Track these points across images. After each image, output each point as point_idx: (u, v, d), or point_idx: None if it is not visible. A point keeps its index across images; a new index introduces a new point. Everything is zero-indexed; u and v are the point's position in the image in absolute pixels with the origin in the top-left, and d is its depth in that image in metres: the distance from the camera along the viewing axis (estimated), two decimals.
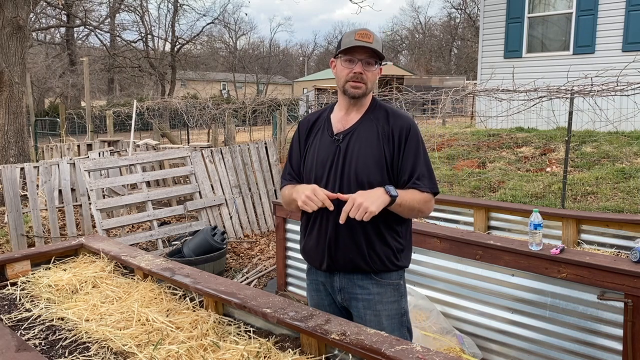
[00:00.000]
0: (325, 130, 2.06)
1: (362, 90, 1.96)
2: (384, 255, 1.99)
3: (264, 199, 6.59)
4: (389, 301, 2.03)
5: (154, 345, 1.91)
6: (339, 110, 2.08)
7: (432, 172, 2.00)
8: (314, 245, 2.05)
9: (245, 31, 47.01)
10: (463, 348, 2.96)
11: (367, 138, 1.98)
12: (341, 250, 1.99)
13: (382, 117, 2.01)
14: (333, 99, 11.40)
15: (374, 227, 1.96)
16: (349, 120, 2.03)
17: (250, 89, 42.18)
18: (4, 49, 8.40)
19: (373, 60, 1.95)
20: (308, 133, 2.11)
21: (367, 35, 1.92)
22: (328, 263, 2.02)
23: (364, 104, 2.04)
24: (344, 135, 2.00)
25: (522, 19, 10.89)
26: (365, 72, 1.94)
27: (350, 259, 1.99)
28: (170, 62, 30.51)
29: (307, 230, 2.09)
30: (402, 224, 2.04)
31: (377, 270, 2.00)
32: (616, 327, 2.53)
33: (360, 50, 1.92)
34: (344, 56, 1.95)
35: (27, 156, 8.82)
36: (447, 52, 48.43)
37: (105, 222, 5.13)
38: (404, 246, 2.06)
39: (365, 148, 1.96)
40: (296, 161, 2.13)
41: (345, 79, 1.96)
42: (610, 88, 5.01)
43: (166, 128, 16.09)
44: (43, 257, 2.86)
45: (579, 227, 3.69)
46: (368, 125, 2.00)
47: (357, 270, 2.01)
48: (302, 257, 2.18)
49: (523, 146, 8.85)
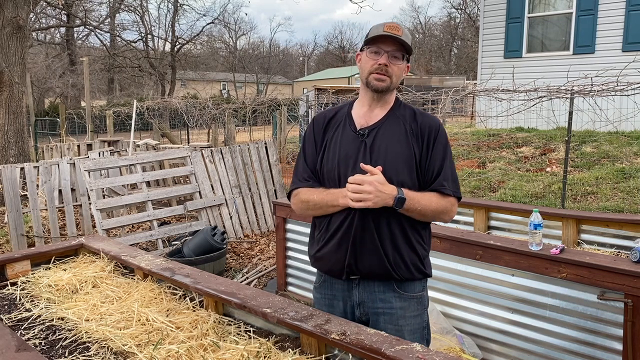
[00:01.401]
0: (346, 125, 1.92)
1: (386, 83, 1.84)
2: (410, 262, 1.87)
3: (264, 199, 6.59)
4: (412, 315, 1.92)
5: (154, 345, 1.91)
6: (360, 106, 1.95)
7: (456, 177, 1.91)
8: (333, 251, 1.88)
9: (245, 31, 47.11)
10: (463, 348, 2.96)
11: (395, 135, 1.86)
12: (365, 255, 1.84)
13: (408, 116, 1.90)
14: (333, 99, 11.38)
15: (401, 230, 1.85)
16: (373, 117, 1.91)
17: (250, 89, 42.20)
18: (4, 49, 8.40)
19: (400, 54, 1.84)
20: (325, 128, 1.96)
21: (396, 28, 1.81)
22: (348, 270, 1.87)
23: (388, 100, 1.92)
24: (369, 131, 1.87)
25: (522, 19, 10.89)
26: (391, 65, 1.82)
27: (374, 266, 1.85)
28: (170, 62, 30.53)
29: (326, 234, 1.91)
30: (426, 228, 1.94)
31: (402, 279, 1.87)
32: (616, 327, 2.53)
33: (388, 41, 1.81)
34: (370, 47, 1.84)
35: (27, 156, 8.82)
36: (447, 52, 48.43)
37: (105, 222, 5.13)
38: (427, 252, 1.95)
39: (393, 145, 1.84)
40: (312, 159, 1.96)
41: (369, 70, 1.84)
42: (610, 88, 5.01)
43: (166, 128, 16.09)
44: (43, 257, 2.86)
45: (579, 227, 3.69)
46: (395, 122, 1.89)
47: (380, 277, 1.87)
48: (312, 265, 2.01)
49: (523, 146, 8.85)
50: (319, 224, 1.97)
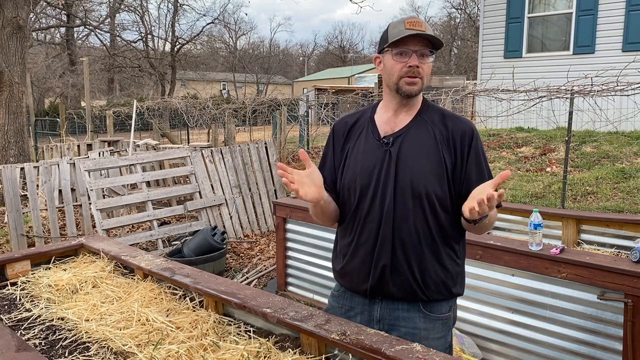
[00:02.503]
0: (369, 133, 1.78)
1: (418, 86, 1.69)
2: (440, 281, 1.73)
3: (264, 199, 6.59)
4: (436, 337, 1.77)
5: (154, 345, 1.91)
6: (384, 112, 1.80)
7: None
8: (357, 266, 1.76)
9: (245, 31, 47.06)
10: (463, 348, 2.96)
11: (422, 142, 1.71)
12: (391, 273, 1.71)
13: (437, 120, 1.75)
14: (333, 99, 11.38)
15: (431, 245, 1.71)
16: (398, 123, 1.76)
17: (250, 89, 42.18)
18: (4, 49, 8.41)
19: (428, 51, 1.68)
20: (346, 137, 1.82)
21: (419, 23, 1.65)
22: (372, 287, 1.74)
23: (416, 103, 1.77)
24: (394, 139, 1.72)
25: (522, 19, 10.89)
26: (421, 65, 1.67)
27: (401, 285, 1.72)
28: (170, 62, 30.52)
29: (351, 248, 1.79)
30: (460, 241, 1.80)
31: (429, 299, 1.74)
32: (616, 327, 2.53)
33: (414, 40, 1.65)
34: (395, 49, 1.67)
35: (27, 156, 8.82)
36: (447, 52, 48.40)
37: (105, 222, 5.13)
38: (461, 268, 1.81)
39: (421, 154, 1.70)
40: (330, 169, 1.84)
41: (398, 74, 1.68)
42: (610, 88, 5.01)
43: (166, 128, 16.09)
44: (43, 257, 2.86)
45: (579, 227, 3.69)
46: (422, 128, 1.73)
47: (405, 297, 1.74)
48: (335, 279, 1.90)
49: (523, 146, 8.85)
50: (341, 235, 1.87)
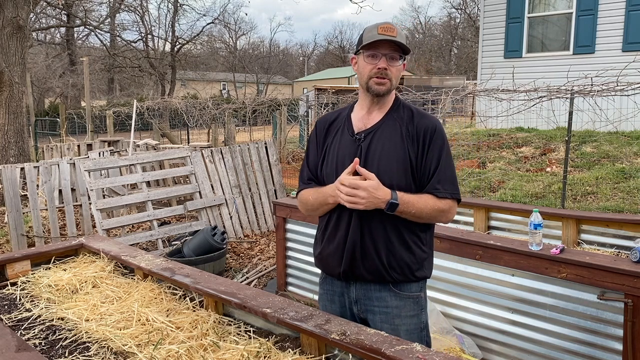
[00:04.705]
0: (345, 130, 1.97)
1: (386, 86, 1.86)
2: (405, 265, 1.89)
3: (264, 199, 6.59)
4: (408, 315, 1.93)
5: (154, 345, 1.91)
6: (360, 109, 1.98)
7: (454, 177, 1.90)
8: (332, 251, 1.94)
9: (245, 31, 47.07)
10: (463, 348, 2.96)
11: (390, 138, 1.88)
12: (361, 258, 1.88)
13: (406, 117, 1.91)
14: (333, 99, 11.38)
15: (398, 234, 1.88)
16: (371, 120, 1.94)
17: (250, 89, 42.19)
18: (4, 49, 8.41)
19: (397, 55, 1.85)
20: (326, 133, 2.01)
21: (391, 29, 1.82)
22: (345, 270, 1.92)
23: (387, 102, 1.95)
24: (366, 135, 1.91)
25: (522, 19, 10.89)
26: (390, 68, 1.84)
27: (370, 268, 1.88)
28: (170, 62, 30.54)
29: (326, 235, 1.97)
30: (427, 230, 1.95)
31: (396, 281, 1.90)
32: (616, 327, 2.53)
33: (384, 44, 1.83)
34: (367, 51, 1.85)
35: (27, 156, 8.83)
36: (447, 52, 48.42)
37: (105, 222, 5.13)
38: (427, 254, 1.96)
39: (388, 148, 1.87)
40: (314, 162, 2.03)
41: (368, 75, 1.86)
42: (610, 88, 5.01)
43: (166, 128, 16.09)
44: (43, 257, 2.86)
45: (579, 227, 3.69)
46: (391, 125, 1.91)
47: (375, 279, 1.90)
48: (315, 265, 2.08)
49: (523, 146, 8.85)
50: (319, 225, 2.04)
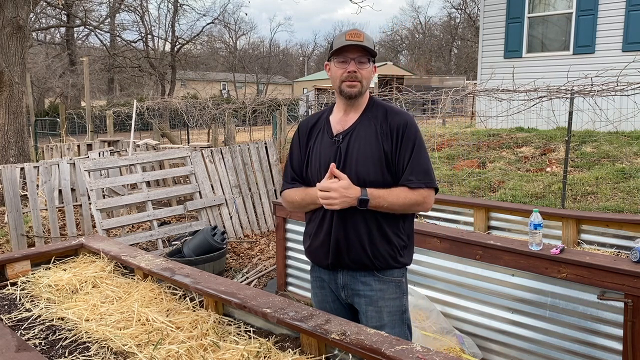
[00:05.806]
0: (325, 132, 2.08)
1: (357, 88, 1.98)
2: (387, 254, 2.03)
3: (264, 199, 6.59)
4: (391, 297, 2.06)
5: (154, 345, 1.91)
6: (337, 112, 2.11)
7: (428, 167, 1.99)
8: (319, 246, 2.08)
9: (245, 31, 47.00)
10: (463, 348, 2.96)
11: (366, 137, 2.00)
12: (346, 250, 2.02)
13: (380, 115, 2.03)
14: (333, 99, 11.38)
15: (377, 226, 2.00)
16: (348, 121, 2.06)
17: (250, 89, 42.17)
18: (4, 49, 8.40)
19: (366, 59, 1.98)
20: (308, 135, 2.13)
21: (358, 35, 1.95)
22: (332, 262, 2.06)
23: (361, 103, 2.06)
24: (344, 136, 2.03)
25: (522, 19, 10.88)
26: (359, 71, 1.97)
27: (354, 258, 2.02)
28: (170, 62, 30.51)
29: (313, 231, 2.11)
30: (405, 220, 2.07)
31: (379, 268, 2.04)
32: (616, 327, 2.53)
33: (352, 49, 1.96)
34: (337, 57, 1.99)
35: (27, 156, 8.82)
36: (447, 52, 48.42)
37: (105, 222, 5.13)
38: (406, 243, 2.09)
39: (364, 147, 1.98)
40: (297, 163, 2.15)
41: (340, 79, 1.99)
42: (610, 88, 5.01)
43: (166, 128, 16.09)
44: (43, 257, 2.86)
45: (579, 227, 3.69)
46: (367, 124, 2.02)
47: (360, 268, 2.04)
48: (306, 257, 2.21)
49: (523, 146, 8.85)
50: (307, 220, 2.18)
